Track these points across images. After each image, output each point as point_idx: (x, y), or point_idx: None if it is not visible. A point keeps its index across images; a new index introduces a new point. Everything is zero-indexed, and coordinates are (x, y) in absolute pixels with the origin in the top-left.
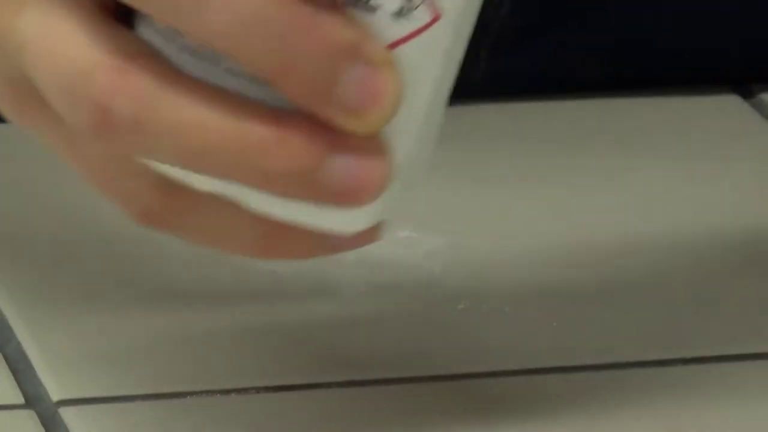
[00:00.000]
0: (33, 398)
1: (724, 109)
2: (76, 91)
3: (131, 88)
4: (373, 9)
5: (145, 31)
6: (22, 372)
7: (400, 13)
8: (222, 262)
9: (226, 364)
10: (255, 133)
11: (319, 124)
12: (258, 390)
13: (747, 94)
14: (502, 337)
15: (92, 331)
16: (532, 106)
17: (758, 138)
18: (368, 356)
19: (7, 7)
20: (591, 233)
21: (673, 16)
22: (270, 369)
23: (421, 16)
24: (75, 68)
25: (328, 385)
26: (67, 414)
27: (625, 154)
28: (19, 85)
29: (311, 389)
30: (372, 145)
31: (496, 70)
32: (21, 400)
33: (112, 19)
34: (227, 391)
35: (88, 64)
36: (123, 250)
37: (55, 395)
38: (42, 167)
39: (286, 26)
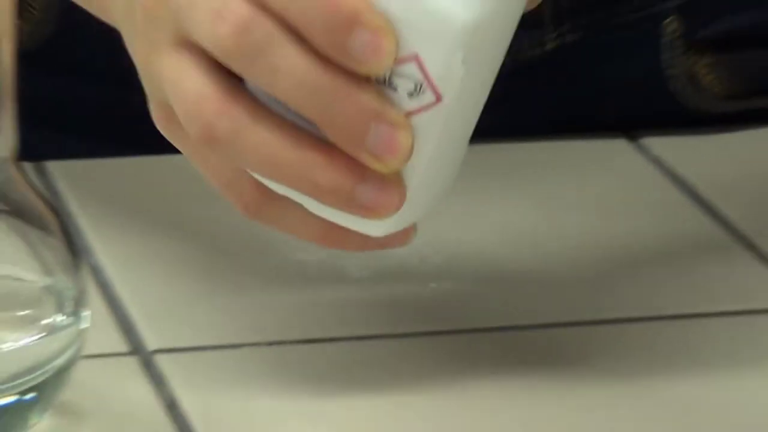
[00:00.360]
0: (133, 347)
1: (612, 151)
2: (192, 113)
3: (229, 114)
4: (395, 88)
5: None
6: (125, 324)
7: (413, 93)
8: (277, 255)
9: (285, 321)
10: (313, 155)
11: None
12: (297, 342)
13: (633, 137)
14: (463, 307)
15: (183, 291)
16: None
17: (640, 175)
18: (370, 317)
19: (142, 44)
20: (514, 238)
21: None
22: (303, 326)
23: (427, 97)
24: (192, 96)
25: (337, 339)
26: (161, 360)
27: (527, 187)
28: (164, 105)
29: (329, 342)
30: (390, 179)
31: None
32: (126, 349)
33: (223, 67)
34: (281, 342)
35: (202, 94)
36: (210, 237)
37: (151, 345)
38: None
39: (333, 93)
